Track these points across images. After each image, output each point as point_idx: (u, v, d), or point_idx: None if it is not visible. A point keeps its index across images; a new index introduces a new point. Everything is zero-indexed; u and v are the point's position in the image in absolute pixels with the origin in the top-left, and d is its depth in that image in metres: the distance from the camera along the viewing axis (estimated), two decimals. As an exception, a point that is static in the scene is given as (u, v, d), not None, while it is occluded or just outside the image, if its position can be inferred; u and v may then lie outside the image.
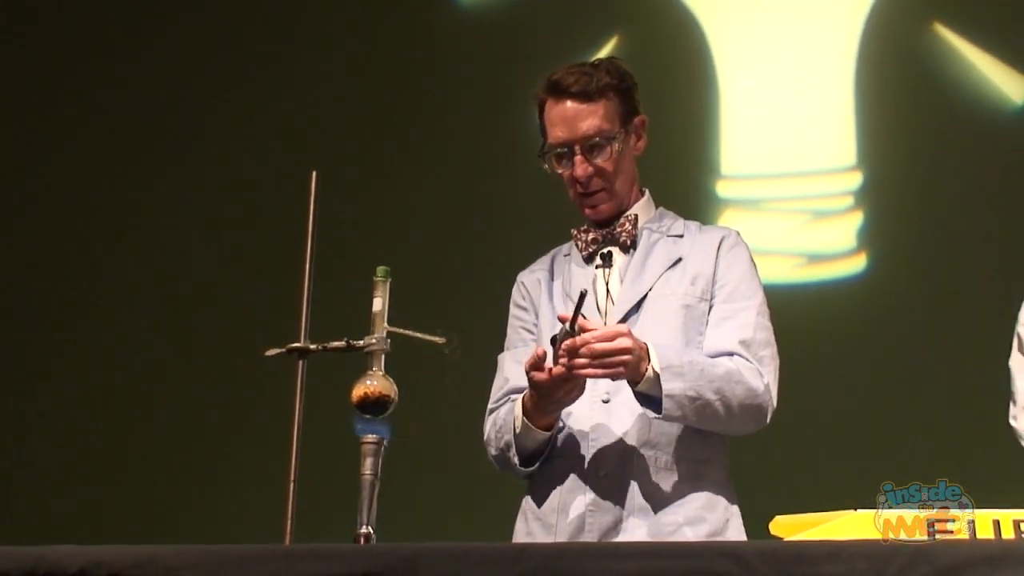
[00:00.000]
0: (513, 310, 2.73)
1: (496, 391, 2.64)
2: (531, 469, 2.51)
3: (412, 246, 4.57)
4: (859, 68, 4.55)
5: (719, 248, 2.61)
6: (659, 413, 2.38)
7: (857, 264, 4.45)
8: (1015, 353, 2.72)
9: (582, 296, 2.31)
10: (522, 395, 2.48)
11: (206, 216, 4.92)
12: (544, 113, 2.62)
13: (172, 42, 5.14)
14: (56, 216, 5.06)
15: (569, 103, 2.57)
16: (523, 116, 4.42)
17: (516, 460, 2.49)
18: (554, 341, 2.34)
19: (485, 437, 2.61)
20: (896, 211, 4.44)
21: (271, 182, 4.57)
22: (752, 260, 2.63)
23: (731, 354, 2.49)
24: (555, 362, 2.34)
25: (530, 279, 2.72)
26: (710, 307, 2.56)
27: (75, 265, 5.00)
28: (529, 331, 2.67)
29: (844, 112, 4.55)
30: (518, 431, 2.48)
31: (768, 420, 2.50)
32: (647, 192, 2.71)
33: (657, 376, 2.36)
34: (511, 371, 2.62)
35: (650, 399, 2.40)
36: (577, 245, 2.65)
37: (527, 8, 4.95)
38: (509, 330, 2.72)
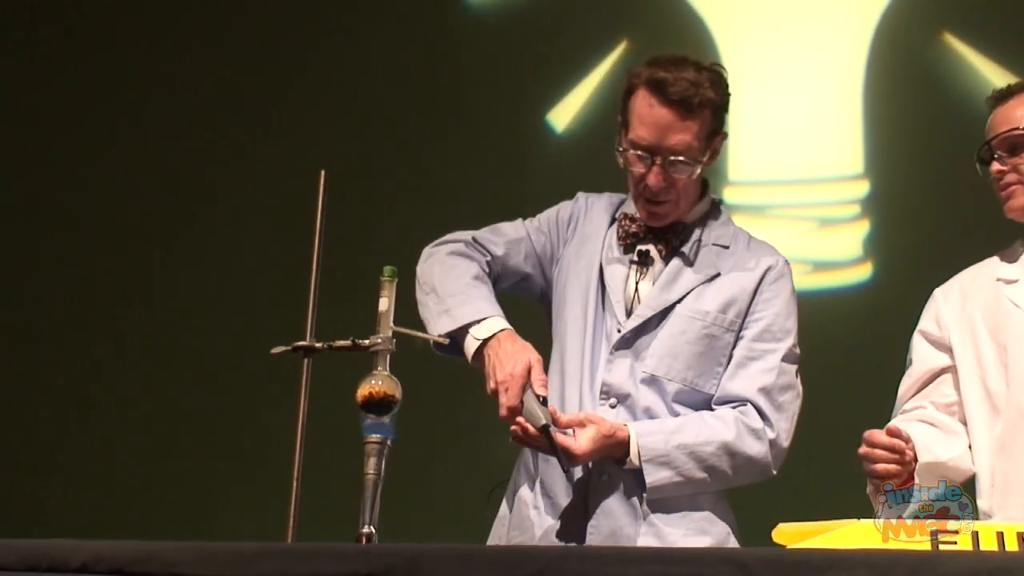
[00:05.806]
0: (551, 217, 2.63)
1: (485, 230, 2.62)
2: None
3: (420, 247, 4.56)
4: (867, 76, 4.55)
5: (762, 279, 2.52)
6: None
7: (863, 272, 4.45)
8: None
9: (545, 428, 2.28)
10: (505, 325, 2.42)
11: (214, 214, 4.92)
12: (633, 99, 2.47)
13: (184, 40, 5.14)
14: (61, 213, 5.06)
15: (666, 109, 2.42)
16: (531, 116, 4.44)
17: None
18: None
19: (444, 241, 2.63)
20: (902, 220, 4.44)
21: (280, 181, 4.57)
22: (793, 293, 2.56)
23: (745, 402, 2.44)
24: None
25: (590, 225, 2.60)
26: (736, 338, 2.49)
27: (81, 261, 4.99)
28: (541, 248, 2.60)
29: (852, 120, 4.54)
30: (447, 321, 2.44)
31: (775, 470, 2.47)
32: (708, 194, 2.60)
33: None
34: (508, 232, 2.61)
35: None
36: (618, 233, 2.56)
37: (535, 11, 4.95)
38: (537, 218, 2.64)
